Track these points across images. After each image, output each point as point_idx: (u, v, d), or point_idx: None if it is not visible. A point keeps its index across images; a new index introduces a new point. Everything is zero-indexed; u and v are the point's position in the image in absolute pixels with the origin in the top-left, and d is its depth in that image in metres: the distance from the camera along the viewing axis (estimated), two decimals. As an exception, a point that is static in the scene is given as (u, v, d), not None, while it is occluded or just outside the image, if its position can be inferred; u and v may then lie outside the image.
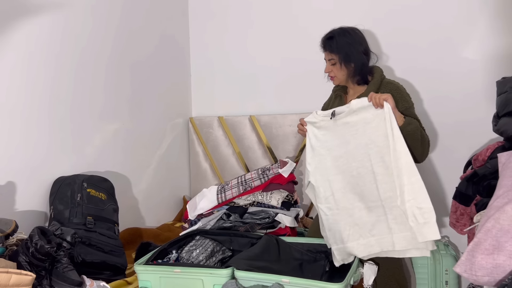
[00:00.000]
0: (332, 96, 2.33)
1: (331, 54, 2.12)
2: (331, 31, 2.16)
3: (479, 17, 2.51)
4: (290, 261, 2.01)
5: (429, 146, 2.03)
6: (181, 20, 3.20)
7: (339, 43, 2.10)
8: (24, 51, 2.05)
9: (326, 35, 2.16)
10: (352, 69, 2.11)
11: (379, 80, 2.09)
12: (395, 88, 2.07)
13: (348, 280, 1.72)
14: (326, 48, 2.14)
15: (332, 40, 2.12)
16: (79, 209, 2.08)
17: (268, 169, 2.48)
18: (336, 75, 2.15)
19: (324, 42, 2.15)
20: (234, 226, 2.32)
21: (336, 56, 2.11)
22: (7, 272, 1.41)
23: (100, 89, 2.49)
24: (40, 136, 2.14)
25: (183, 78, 3.22)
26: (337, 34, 2.12)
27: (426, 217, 1.73)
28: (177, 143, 3.14)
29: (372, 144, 1.85)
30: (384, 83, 2.10)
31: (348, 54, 2.09)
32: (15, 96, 2.02)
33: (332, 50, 2.11)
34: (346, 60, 2.10)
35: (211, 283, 1.81)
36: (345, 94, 2.24)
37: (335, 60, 2.12)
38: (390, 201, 1.81)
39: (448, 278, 2.29)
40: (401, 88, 2.10)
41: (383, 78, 2.13)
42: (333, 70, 2.14)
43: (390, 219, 1.82)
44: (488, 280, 1.33)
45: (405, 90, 2.10)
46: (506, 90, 1.97)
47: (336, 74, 2.15)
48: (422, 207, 1.75)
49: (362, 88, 2.14)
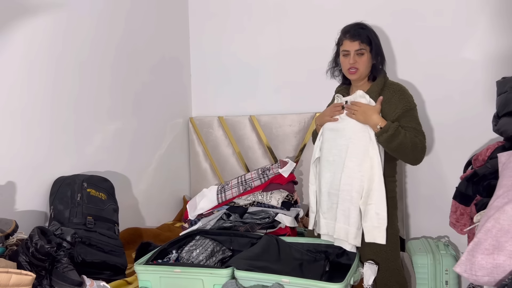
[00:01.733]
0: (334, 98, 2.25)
1: (363, 44, 2.02)
2: (358, 22, 2.09)
3: (479, 17, 2.51)
4: (290, 261, 2.01)
5: (421, 151, 2.00)
6: (181, 20, 3.20)
7: (372, 34, 2.06)
8: (25, 51, 2.06)
9: (356, 25, 2.07)
10: (376, 64, 2.07)
11: (383, 81, 2.07)
12: (398, 89, 2.05)
13: (348, 280, 1.72)
14: (357, 38, 2.02)
15: (365, 30, 2.05)
16: (79, 209, 2.08)
17: (268, 169, 2.48)
18: (360, 68, 2.04)
19: (356, 31, 2.04)
20: (234, 226, 2.32)
21: (367, 47, 2.03)
22: (7, 272, 1.41)
23: (101, 90, 2.49)
24: (40, 136, 2.14)
25: (183, 78, 3.22)
26: (367, 26, 2.07)
27: (380, 223, 1.93)
28: (177, 143, 3.14)
29: (354, 139, 1.98)
30: (387, 84, 2.08)
31: (379, 46, 2.07)
32: (16, 96, 2.02)
33: (364, 40, 2.02)
34: (376, 53, 2.05)
35: (211, 283, 1.81)
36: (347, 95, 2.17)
37: (365, 51, 2.03)
38: (345, 194, 1.97)
39: (448, 278, 2.29)
40: (404, 89, 2.08)
41: (387, 79, 2.11)
42: (358, 62, 2.03)
43: (340, 209, 1.98)
44: (488, 280, 1.33)
45: (408, 91, 2.08)
46: (506, 90, 1.97)
47: (361, 66, 2.04)
48: (379, 213, 1.93)
49: (366, 87, 2.10)
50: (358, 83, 2.12)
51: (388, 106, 2.00)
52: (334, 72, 2.20)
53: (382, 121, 1.94)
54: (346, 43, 2.05)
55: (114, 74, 2.58)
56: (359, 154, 1.95)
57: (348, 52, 2.04)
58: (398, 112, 1.99)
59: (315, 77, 2.89)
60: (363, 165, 1.94)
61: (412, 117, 2.02)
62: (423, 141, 2.01)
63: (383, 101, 2.00)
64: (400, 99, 2.02)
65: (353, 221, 1.94)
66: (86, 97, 2.39)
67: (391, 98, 2.02)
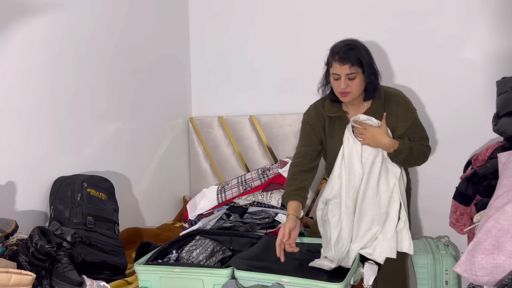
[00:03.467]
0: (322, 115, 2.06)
1: (353, 67, 1.84)
2: (346, 42, 1.90)
3: (479, 17, 2.51)
4: (290, 261, 2.01)
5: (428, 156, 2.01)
6: (181, 20, 3.20)
7: (363, 54, 1.88)
8: (24, 51, 2.05)
9: (345, 46, 1.88)
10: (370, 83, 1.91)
11: (382, 94, 1.96)
12: (401, 100, 1.97)
13: (348, 280, 1.72)
14: (347, 61, 1.84)
15: (355, 51, 1.86)
16: (79, 209, 2.09)
17: (268, 169, 2.48)
18: (353, 91, 1.88)
19: (345, 54, 1.85)
20: (234, 226, 2.32)
21: (359, 69, 1.86)
22: (7, 272, 1.41)
23: (100, 89, 2.49)
24: (40, 136, 2.14)
25: (183, 78, 3.22)
26: (358, 45, 1.89)
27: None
28: (177, 143, 3.14)
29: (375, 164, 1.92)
30: (387, 96, 1.97)
31: (371, 65, 1.91)
32: (16, 96, 2.02)
33: (355, 62, 1.85)
34: (369, 73, 1.88)
35: (211, 283, 1.81)
36: (344, 115, 2.02)
37: (357, 74, 1.86)
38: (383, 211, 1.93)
39: (448, 278, 2.29)
40: (406, 98, 2.00)
41: (385, 91, 2.00)
42: (350, 85, 1.87)
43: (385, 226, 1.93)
44: (488, 280, 1.33)
45: (408, 99, 2.01)
46: (506, 90, 1.97)
47: (353, 89, 1.88)
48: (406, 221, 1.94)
49: (366, 105, 1.99)
50: (351, 102, 1.98)
51: (395, 120, 1.95)
52: (325, 90, 2.06)
53: (393, 142, 1.90)
54: (336, 66, 1.88)
55: (114, 74, 2.57)
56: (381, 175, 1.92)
57: (339, 76, 1.87)
58: (405, 126, 1.95)
59: (315, 77, 2.89)
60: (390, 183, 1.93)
61: (417, 126, 1.99)
62: (429, 147, 2.02)
63: (389, 114, 1.95)
64: (405, 111, 1.96)
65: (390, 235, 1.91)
66: (86, 97, 2.39)
67: (396, 111, 1.96)
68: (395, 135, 1.95)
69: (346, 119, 2.01)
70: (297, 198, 1.94)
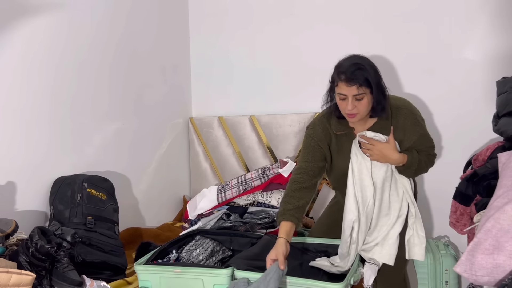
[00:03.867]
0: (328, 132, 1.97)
1: (361, 88, 1.74)
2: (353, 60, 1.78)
3: (479, 17, 2.51)
4: (290, 261, 2.01)
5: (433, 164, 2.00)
6: (181, 20, 3.20)
7: (371, 73, 1.76)
8: (25, 51, 2.05)
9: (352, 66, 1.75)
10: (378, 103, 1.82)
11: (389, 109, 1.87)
12: (409, 113, 1.89)
13: (348, 280, 1.72)
14: (355, 82, 1.73)
15: (363, 71, 1.74)
16: (79, 209, 2.09)
17: (268, 169, 2.48)
18: (360, 112, 1.79)
19: (352, 74, 1.73)
20: (234, 226, 2.32)
21: (367, 90, 1.76)
22: (7, 272, 1.41)
23: (101, 89, 2.49)
24: (40, 136, 2.14)
25: (183, 78, 3.22)
26: (365, 63, 1.77)
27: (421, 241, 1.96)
28: (177, 143, 3.14)
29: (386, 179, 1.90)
30: (394, 109, 1.88)
31: (380, 85, 1.80)
32: (16, 96, 2.02)
33: (363, 83, 1.74)
34: (377, 93, 1.78)
35: (211, 283, 1.81)
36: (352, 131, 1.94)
37: (364, 95, 1.76)
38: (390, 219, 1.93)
39: (448, 278, 2.29)
40: (413, 109, 1.92)
41: (391, 103, 1.90)
42: (357, 106, 1.77)
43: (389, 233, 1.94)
44: (488, 280, 1.33)
45: (415, 108, 1.93)
46: (506, 90, 1.97)
47: (361, 110, 1.78)
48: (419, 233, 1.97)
49: (372, 120, 1.91)
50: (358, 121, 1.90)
51: (402, 133, 1.90)
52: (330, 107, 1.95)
53: (403, 157, 1.86)
54: (342, 87, 1.77)
55: (114, 74, 2.57)
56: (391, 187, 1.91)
57: (346, 96, 1.77)
58: (413, 139, 1.91)
59: (315, 77, 2.89)
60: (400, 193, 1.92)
61: (425, 137, 1.95)
62: (435, 153, 2.00)
63: (396, 128, 1.89)
64: (413, 124, 1.89)
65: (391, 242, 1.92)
66: (86, 97, 2.39)
67: (404, 124, 1.89)
68: (403, 147, 1.91)
69: (353, 135, 1.94)
70: (291, 219, 1.84)
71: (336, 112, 1.92)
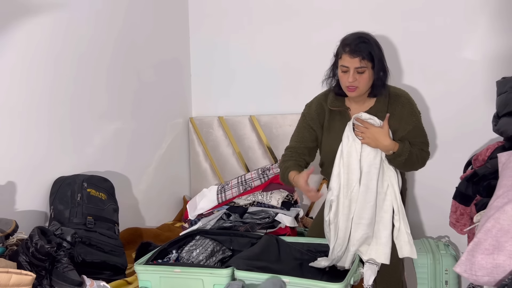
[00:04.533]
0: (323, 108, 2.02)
1: (364, 61, 1.80)
2: (359, 34, 1.85)
3: (479, 17, 2.51)
4: (290, 261, 2.01)
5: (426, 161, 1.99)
6: (181, 20, 3.20)
7: (375, 48, 1.83)
8: (24, 51, 2.05)
9: (357, 38, 1.82)
10: (378, 79, 1.87)
11: (387, 93, 1.93)
12: (406, 102, 1.94)
13: (348, 280, 1.72)
14: (358, 54, 1.79)
15: (367, 45, 1.81)
16: (79, 209, 2.09)
17: (268, 169, 2.48)
18: (360, 86, 1.84)
19: (356, 46, 1.80)
20: (234, 226, 2.32)
21: (369, 64, 1.81)
22: (7, 272, 1.41)
23: (101, 89, 2.49)
24: (40, 136, 2.14)
25: (183, 78, 3.22)
26: (370, 38, 1.84)
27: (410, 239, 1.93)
28: (177, 143, 3.14)
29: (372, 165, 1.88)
30: (392, 96, 1.93)
31: (382, 62, 1.86)
32: (16, 96, 2.02)
33: (366, 56, 1.79)
34: (378, 69, 1.84)
35: (211, 283, 1.81)
36: (347, 110, 1.98)
37: (366, 68, 1.81)
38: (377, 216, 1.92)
39: (448, 278, 2.29)
40: (411, 100, 1.97)
41: (391, 91, 1.96)
42: (358, 80, 1.83)
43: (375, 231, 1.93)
44: (488, 280, 1.33)
45: (413, 100, 1.98)
46: (506, 90, 1.97)
47: (361, 84, 1.84)
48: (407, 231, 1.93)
49: (366, 102, 1.96)
50: (356, 99, 1.96)
51: (398, 122, 1.93)
52: (331, 83, 2.01)
53: (394, 144, 1.87)
54: (346, 58, 1.83)
55: (114, 74, 2.57)
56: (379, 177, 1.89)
57: (348, 69, 1.83)
58: (408, 128, 1.93)
59: (315, 76, 2.89)
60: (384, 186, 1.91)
61: (420, 131, 1.97)
62: (428, 152, 2.01)
63: (392, 115, 1.91)
64: (409, 114, 1.93)
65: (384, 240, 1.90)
66: (86, 97, 2.39)
67: (401, 112, 1.92)
68: (396, 137, 1.93)
69: (348, 115, 1.97)
70: (296, 168, 1.95)
71: (335, 88, 1.98)
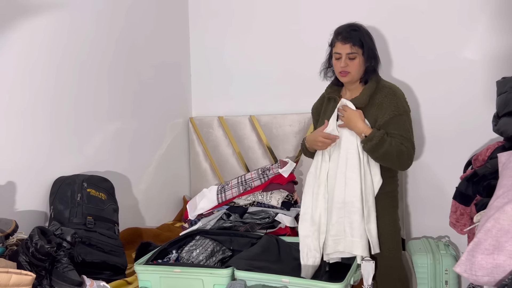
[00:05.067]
0: (324, 98, 2.19)
1: (354, 47, 1.95)
2: (351, 24, 2.01)
3: (479, 17, 2.51)
4: (290, 261, 2.01)
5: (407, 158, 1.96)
6: (181, 20, 3.20)
7: (365, 36, 1.98)
8: (26, 51, 2.05)
9: (348, 27, 1.99)
10: (369, 67, 2.00)
11: (375, 84, 2.01)
12: (390, 92, 1.99)
13: (348, 280, 1.72)
14: (348, 40, 1.95)
15: (358, 32, 1.97)
16: (79, 209, 2.08)
17: (268, 169, 2.48)
18: (352, 71, 1.97)
19: (348, 33, 1.96)
20: (234, 226, 2.32)
21: (360, 50, 1.96)
22: (7, 272, 1.41)
23: (101, 89, 2.49)
24: (41, 136, 2.14)
25: (183, 78, 3.22)
26: (361, 27, 1.99)
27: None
28: (177, 143, 3.14)
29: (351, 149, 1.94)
30: (380, 86, 2.01)
31: (372, 49, 2.00)
32: (16, 96, 2.02)
33: (356, 42, 1.95)
34: (369, 56, 1.98)
35: (211, 283, 1.81)
36: (339, 97, 2.09)
37: (357, 54, 1.96)
38: (351, 206, 1.92)
39: (448, 278, 2.29)
40: (398, 93, 2.01)
41: (380, 81, 2.04)
42: (349, 65, 1.96)
43: (347, 222, 1.92)
44: (488, 280, 1.32)
45: (402, 95, 2.02)
46: (506, 90, 1.97)
47: (352, 69, 1.97)
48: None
49: (358, 90, 2.05)
50: (350, 86, 2.06)
51: (379, 111, 1.96)
52: (327, 73, 2.14)
53: (367, 128, 1.92)
54: (338, 46, 1.98)
55: (114, 74, 2.57)
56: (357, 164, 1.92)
57: (340, 55, 1.98)
58: (386, 118, 1.94)
59: (315, 76, 2.88)
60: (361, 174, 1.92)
61: (400, 124, 1.96)
62: (410, 148, 1.96)
63: (373, 104, 1.97)
64: (391, 103, 1.96)
65: (359, 233, 1.90)
66: (86, 97, 2.39)
67: (382, 102, 1.97)
68: (376, 125, 1.96)
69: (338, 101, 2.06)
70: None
71: (335, 80, 2.13)
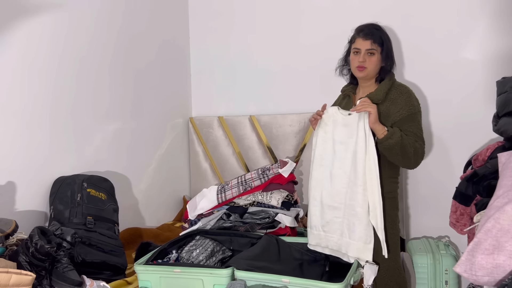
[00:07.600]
0: (340, 96, 2.25)
1: (374, 44, 2.03)
2: (373, 23, 2.10)
3: (479, 17, 2.51)
4: (290, 261, 2.01)
5: (421, 157, 1.98)
6: (181, 20, 3.20)
7: (385, 36, 2.07)
8: (25, 51, 2.05)
9: (371, 25, 2.09)
10: (385, 66, 2.07)
11: (391, 82, 2.06)
12: (405, 91, 2.04)
13: (348, 280, 1.72)
14: (370, 37, 2.03)
15: (379, 31, 2.06)
16: (79, 209, 2.08)
17: (268, 169, 2.48)
18: (369, 67, 2.04)
19: (370, 31, 2.05)
20: (234, 226, 2.32)
21: (379, 48, 2.04)
22: (7, 272, 1.41)
23: (101, 89, 2.49)
24: (41, 136, 2.14)
25: (183, 78, 3.22)
26: (382, 28, 2.09)
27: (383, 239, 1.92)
28: (177, 143, 3.14)
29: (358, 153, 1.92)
30: (395, 85, 2.07)
31: (390, 49, 2.07)
32: (16, 97, 2.02)
33: (377, 40, 2.03)
34: (386, 56, 2.05)
35: (211, 283, 1.81)
36: (353, 94, 2.15)
37: (376, 52, 2.03)
38: (351, 209, 1.93)
39: (448, 278, 2.29)
40: (411, 92, 2.06)
41: (394, 81, 2.09)
42: (367, 61, 2.03)
43: (345, 223, 1.94)
44: (488, 280, 1.33)
45: (414, 95, 2.07)
46: (506, 90, 1.97)
47: (369, 65, 2.04)
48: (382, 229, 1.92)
49: (372, 88, 2.09)
50: (365, 83, 2.10)
51: (393, 107, 1.99)
52: (342, 70, 2.19)
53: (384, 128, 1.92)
54: (358, 41, 2.05)
55: (114, 74, 2.57)
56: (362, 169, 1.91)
57: (359, 50, 2.04)
58: (403, 114, 1.97)
59: (315, 77, 2.89)
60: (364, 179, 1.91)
61: (415, 122, 2.00)
62: (422, 146, 2.00)
63: (388, 99, 2.00)
64: (406, 101, 2.00)
65: (359, 236, 1.90)
66: (86, 97, 2.39)
67: (397, 98, 2.01)
68: (389, 121, 1.96)
69: (352, 99, 2.12)
70: None
71: (351, 78, 2.19)
